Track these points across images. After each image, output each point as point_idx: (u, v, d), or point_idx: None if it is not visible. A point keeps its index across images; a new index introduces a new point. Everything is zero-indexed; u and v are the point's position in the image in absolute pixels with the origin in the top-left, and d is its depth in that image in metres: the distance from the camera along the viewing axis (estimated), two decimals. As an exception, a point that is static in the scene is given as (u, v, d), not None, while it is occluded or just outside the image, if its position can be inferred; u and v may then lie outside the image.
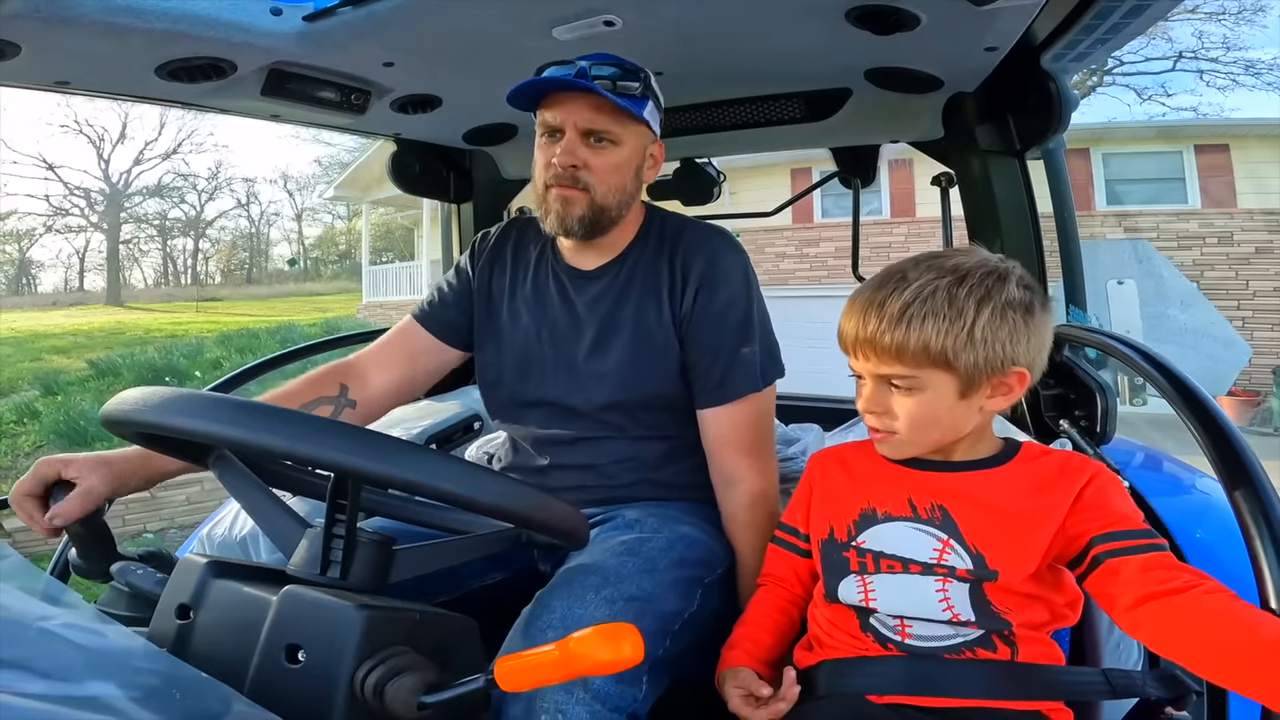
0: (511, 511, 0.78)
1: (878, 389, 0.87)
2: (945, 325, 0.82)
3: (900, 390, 0.85)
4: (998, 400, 0.86)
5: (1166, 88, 15.14)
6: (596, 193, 1.13)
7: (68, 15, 1.01)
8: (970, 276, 0.83)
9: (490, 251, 1.32)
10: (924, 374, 0.83)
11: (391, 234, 26.44)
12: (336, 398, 1.21)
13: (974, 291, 0.82)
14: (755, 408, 1.17)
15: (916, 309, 0.82)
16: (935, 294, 0.83)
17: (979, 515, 0.85)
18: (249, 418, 0.70)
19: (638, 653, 0.56)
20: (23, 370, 10.36)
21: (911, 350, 0.82)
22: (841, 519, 0.93)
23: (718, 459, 1.18)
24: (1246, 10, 13.67)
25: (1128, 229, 10.13)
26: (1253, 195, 9.82)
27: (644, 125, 1.14)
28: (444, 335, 1.30)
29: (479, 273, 1.31)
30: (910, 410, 0.85)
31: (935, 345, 0.82)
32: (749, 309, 1.18)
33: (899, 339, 0.83)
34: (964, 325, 0.81)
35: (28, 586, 0.63)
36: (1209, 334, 3.67)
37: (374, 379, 1.26)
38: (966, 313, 0.82)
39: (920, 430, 0.87)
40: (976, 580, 0.83)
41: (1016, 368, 0.84)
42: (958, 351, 0.82)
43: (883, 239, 10.67)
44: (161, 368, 10.03)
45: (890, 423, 0.87)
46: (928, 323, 0.82)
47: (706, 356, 1.16)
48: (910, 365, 0.83)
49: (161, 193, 28.73)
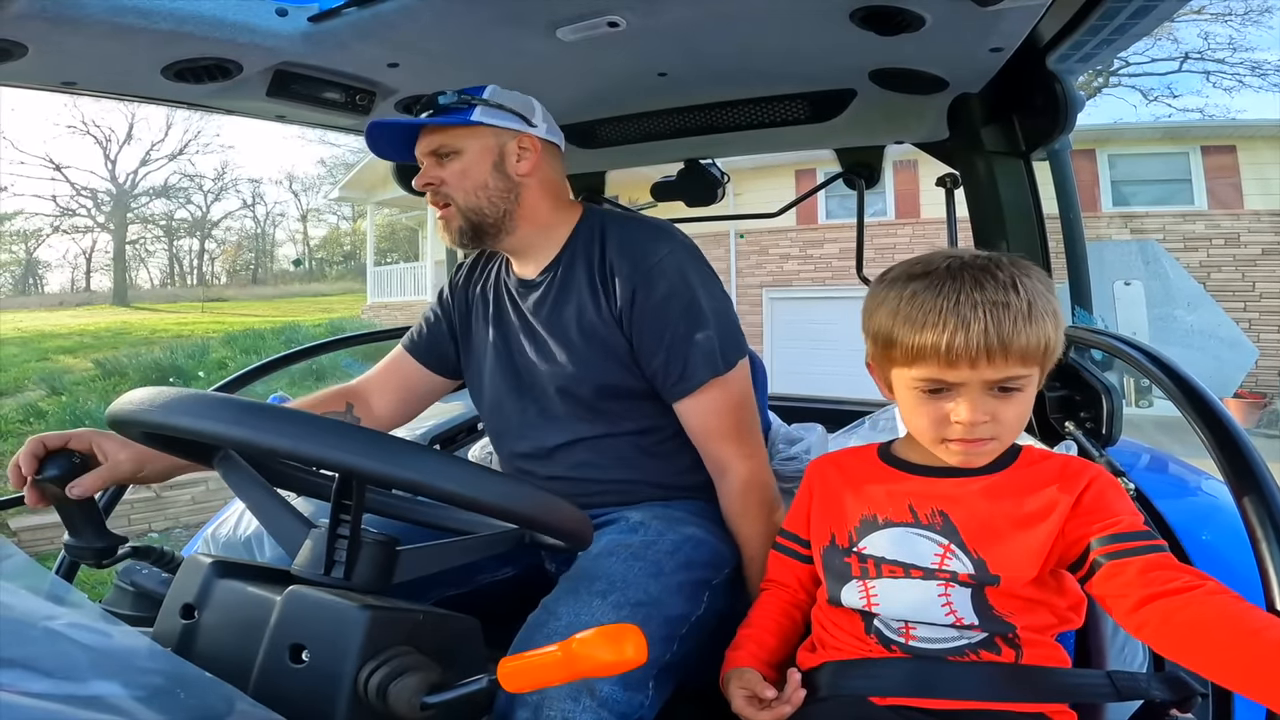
0: (515, 512, 0.78)
1: (983, 398, 0.82)
2: (1054, 320, 0.83)
3: (1004, 394, 0.83)
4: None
5: (1172, 89, 15.02)
6: (458, 200, 1.19)
7: (74, 16, 1.01)
8: (1020, 271, 0.83)
9: (464, 280, 1.37)
10: (1033, 371, 0.83)
11: (396, 235, 26.46)
12: (343, 415, 1.22)
13: (1038, 285, 0.83)
14: (725, 392, 1.16)
15: (1039, 306, 0.81)
16: (1037, 290, 0.82)
17: (980, 520, 0.85)
18: (254, 418, 0.70)
19: (641, 653, 0.56)
20: (29, 370, 10.40)
21: (1033, 347, 0.81)
22: (842, 525, 0.92)
23: (704, 450, 1.18)
24: (1253, 11, 13.61)
25: (1134, 230, 10.09)
26: (1259, 196, 9.77)
27: (480, 126, 1.18)
28: (433, 366, 1.37)
29: (457, 302, 1.36)
30: (1016, 413, 0.84)
31: (1053, 341, 0.82)
32: (693, 296, 1.16)
33: (1032, 337, 0.80)
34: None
35: (33, 585, 0.64)
36: (1215, 335, 3.66)
37: (376, 404, 1.33)
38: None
39: (1017, 430, 0.86)
40: (978, 585, 0.83)
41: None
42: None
43: (887, 240, 10.65)
44: (167, 368, 10.07)
45: (996, 429, 0.84)
46: (1046, 319, 0.82)
47: (661, 350, 1.15)
48: (1030, 364, 0.82)
49: (168, 193, 28.77)
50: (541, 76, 1.43)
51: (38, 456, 0.95)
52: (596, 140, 1.79)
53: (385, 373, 1.37)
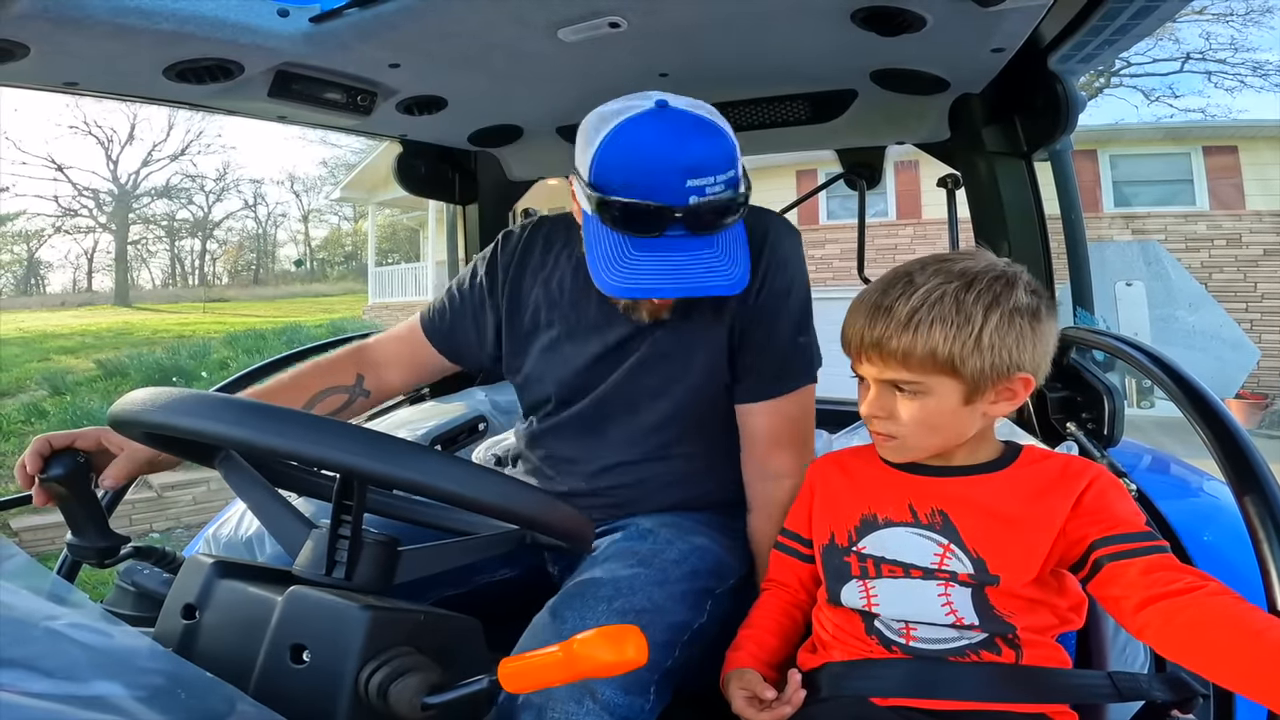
0: (515, 513, 0.78)
1: (881, 393, 0.86)
2: (953, 331, 0.80)
3: (904, 395, 0.85)
4: (1001, 405, 0.86)
5: (1174, 89, 15.03)
6: None
7: (76, 16, 1.01)
8: (978, 281, 0.82)
9: (519, 255, 1.23)
10: (929, 379, 0.83)
11: (397, 235, 26.50)
12: (351, 387, 1.21)
13: (982, 297, 0.81)
14: (805, 400, 1.15)
15: (924, 314, 0.81)
16: (943, 299, 0.81)
17: (979, 520, 0.85)
18: (255, 419, 0.70)
19: (641, 654, 0.56)
20: (31, 370, 10.41)
21: (918, 356, 0.81)
22: (842, 524, 0.93)
23: (760, 455, 1.14)
24: (1254, 11, 13.61)
25: (1135, 231, 10.09)
26: (1261, 197, 9.76)
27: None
28: (449, 354, 1.27)
29: (508, 282, 1.22)
30: (914, 415, 0.85)
31: (942, 351, 0.81)
32: (807, 295, 1.15)
33: (906, 344, 0.82)
34: (971, 331, 0.80)
35: (34, 586, 0.64)
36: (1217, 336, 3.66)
37: (388, 375, 1.27)
38: (974, 319, 0.80)
39: (923, 435, 0.86)
40: (978, 585, 0.83)
41: (1022, 373, 0.84)
42: (964, 358, 0.81)
43: (888, 241, 10.65)
44: (169, 368, 10.08)
45: (893, 427, 0.87)
46: (935, 328, 0.81)
47: (765, 349, 1.12)
48: (916, 371, 0.82)
49: (169, 194, 28.84)
50: (542, 77, 1.43)
51: (43, 456, 0.94)
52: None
53: (399, 345, 1.29)
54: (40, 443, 0.95)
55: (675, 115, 0.97)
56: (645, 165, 0.95)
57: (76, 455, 0.96)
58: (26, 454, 0.95)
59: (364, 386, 1.22)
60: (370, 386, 1.23)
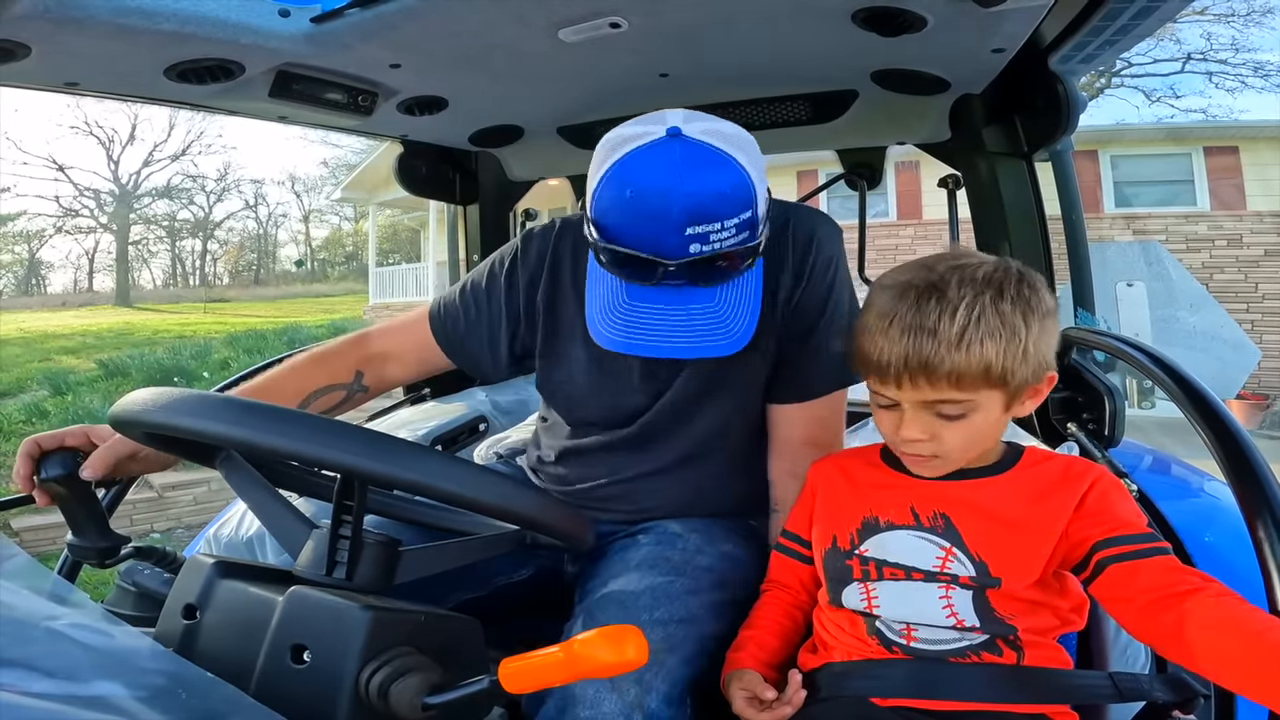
0: (514, 512, 0.78)
1: (923, 416, 0.82)
2: (1003, 345, 0.77)
3: (947, 415, 0.81)
4: (1028, 405, 0.85)
5: (1175, 89, 15.04)
6: None
7: (77, 17, 1.01)
8: (1006, 287, 0.80)
9: (550, 269, 1.15)
10: (979, 396, 0.80)
11: (398, 235, 26.50)
12: (350, 384, 1.18)
13: (1016, 304, 0.79)
14: (838, 403, 1.12)
15: (974, 331, 0.77)
16: (985, 312, 0.78)
17: (981, 523, 0.84)
18: (256, 419, 0.70)
19: (642, 655, 0.56)
20: (32, 370, 10.42)
21: (973, 374, 0.78)
22: (844, 527, 0.92)
23: (791, 455, 1.11)
24: (1255, 12, 13.62)
25: (1136, 231, 10.09)
26: (1262, 198, 9.76)
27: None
28: (458, 361, 1.21)
29: (537, 295, 1.15)
30: (961, 434, 0.82)
31: (996, 366, 0.78)
32: (852, 298, 1.11)
33: (959, 364, 0.77)
34: (1019, 343, 0.78)
35: (34, 585, 0.63)
36: (1218, 337, 3.65)
37: (390, 369, 1.22)
38: (1019, 329, 0.78)
39: (966, 449, 0.85)
40: (980, 588, 0.83)
41: (1050, 372, 0.83)
42: (1014, 370, 0.78)
43: (889, 241, 10.64)
44: (170, 368, 10.09)
45: (937, 448, 0.84)
46: (987, 344, 0.77)
47: (806, 354, 1.08)
48: (968, 389, 0.79)
49: (170, 194, 28.89)
50: (543, 77, 1.43)
51: (32, 457, 0.94)
52: (598, 141, 1.78)
53: (404, 340, 1.23)
54: (29, 444, 0.95)
55: (685, 148, 0.88)
56: (641, 209, 0.88)
57: (76, 455, 0.96)
58: (18, 457, 0.95)
59: (362, 383, 1.19)
60: (369, 382, 1.20)
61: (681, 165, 0.87)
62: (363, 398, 1.21)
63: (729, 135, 0.92)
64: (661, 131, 0.89)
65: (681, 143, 0.88)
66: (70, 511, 0.96)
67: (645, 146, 0.89)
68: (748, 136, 0.95)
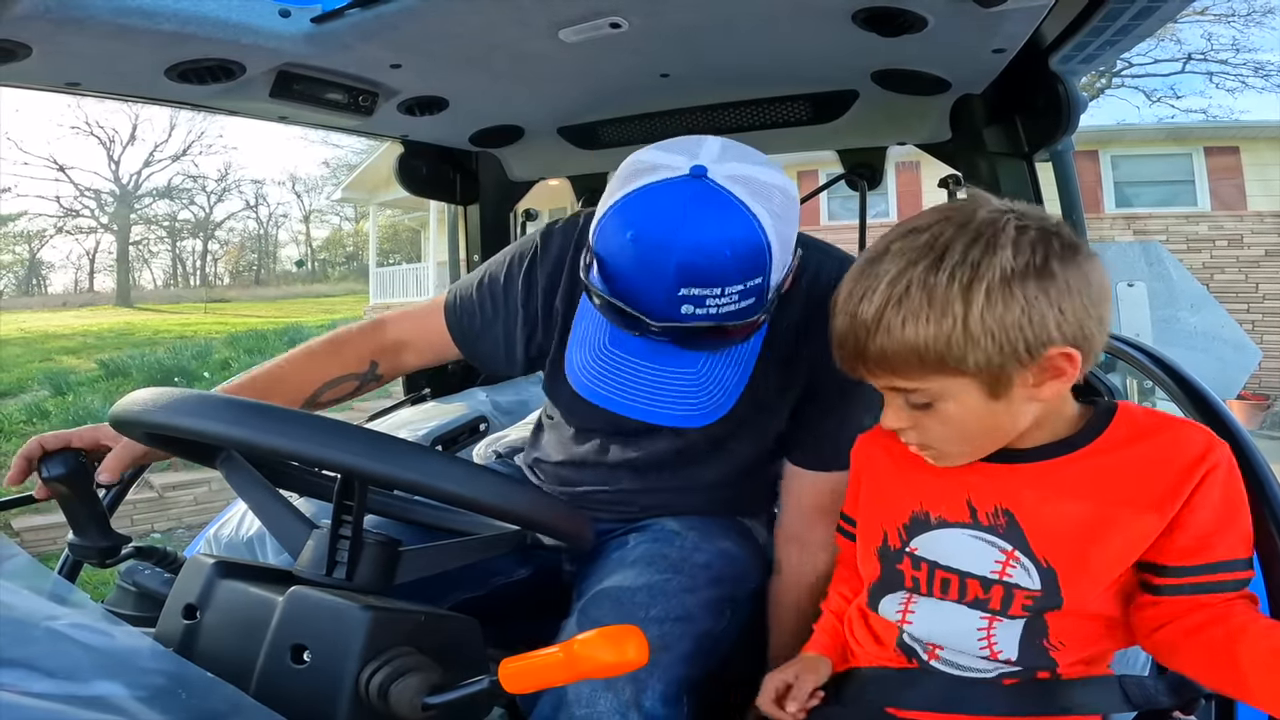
0: (515, 513, 0.78)
1: (895, 404, 0.74)
2: (930, 327, 0.65)
3: (916, 404, 0.72)
4: (1050, 386, 0.69)
5: (1176, 90, 15.07)
6: None
7: (78, 17, 1.01)
8: (950, 254, 0.65)
9: (569, 275, 1.09)
10: (931, 384, 0.69)
11: (399, 236, 26.51)
12: (364, 373, 1.17)
13: (956, 274, 0.65)
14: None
15: (892, 312, 0.66)
16: (909, 288, 0.66)
17: (1053, 520, 0.72)
18: (256, 419, 0.70)
19: (642, 655, 0.56)
20: (33, 370, 10.43)
21: (901, 360, 0.67)
22: (892, 521, 0.82)
23: (802, 522, 1.08)
24: (1256, 12, 13.63)
25: (1137, 232, 10.08)
26: (1262, 198, 9.76)
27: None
28: (471, 357, 1.19)
29: (557, 300, 1.10)
30: (939, 425, 0.72)
31: (927, 351, 0.66)
32: None
33: (878, 349, 0.68)
34: (954, 321, 0.64)
35: (35, 585, 0.64)
36: (1219, 337, 3.65)
37: (405, 357, 1.20)
38: (952, 305, 0.64)
39: (958, 443, 0.74)
40: (1037, 612, 0.74)
41: (1055, 348, 0.66)
42: (958, 354, 0.65)
43: (890, 241, 10.63)
44: (171, 368, 10.09)
45: (922, 437, 0.75)
46: (907, 326, 0.66)
47: (828, 419, 1.03)
48: (911, 376, 0.69)
49: (171, 194, 28.91)
50: (544, 77, 1.43)
51: (29, 458, 0.94)
52: (598, 141, 1.79)
53: (420, 330, 1.19)
54: (32, 444, 0.94)
55: (702, 194, 0.78)
56: (637, 257, 0.79)
57: (78, 455, 0.96)
58: (16, 458, 0.94)
59: (377, 372, 1.18)
60: (384, 371, 1.19)
61: (691, 215, 0.77)
62: (375, 385, 1.20)
63: (760, 184, 0.81)
64: (685, 168, 0.79)
65: (701, 186, 0.78)
66: (71, 511, 0.96)
67: (660, 184, 0.79)
68: (784, 185, 0.84)
